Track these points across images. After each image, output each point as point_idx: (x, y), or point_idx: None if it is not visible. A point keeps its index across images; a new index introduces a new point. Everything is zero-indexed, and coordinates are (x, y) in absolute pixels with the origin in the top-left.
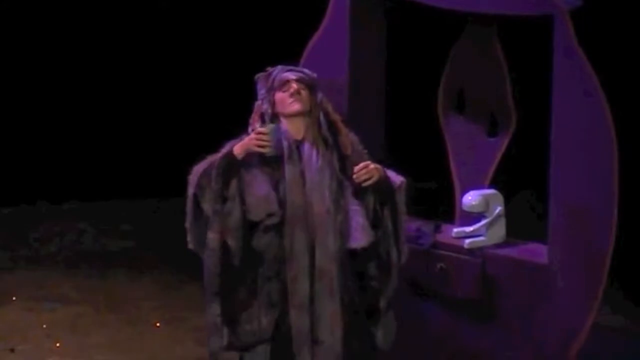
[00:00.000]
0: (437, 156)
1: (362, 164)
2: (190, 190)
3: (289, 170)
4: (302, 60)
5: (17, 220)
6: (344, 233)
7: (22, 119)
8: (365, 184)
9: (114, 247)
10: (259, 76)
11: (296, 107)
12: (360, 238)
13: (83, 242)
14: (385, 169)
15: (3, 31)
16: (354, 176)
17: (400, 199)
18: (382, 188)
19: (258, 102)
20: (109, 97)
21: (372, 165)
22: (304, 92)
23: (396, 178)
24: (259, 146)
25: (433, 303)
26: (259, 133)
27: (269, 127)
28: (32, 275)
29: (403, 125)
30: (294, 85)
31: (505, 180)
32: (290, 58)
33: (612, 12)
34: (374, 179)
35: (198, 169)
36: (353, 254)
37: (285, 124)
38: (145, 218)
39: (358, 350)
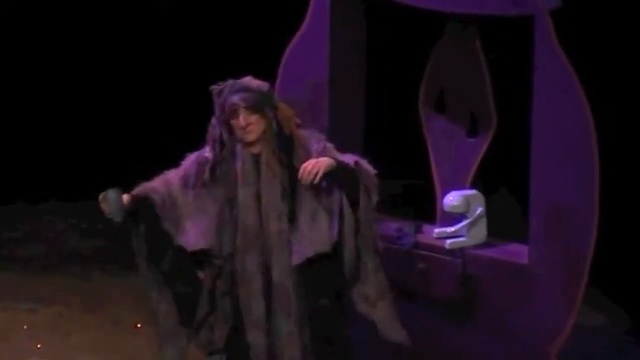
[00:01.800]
0: (419, 155)
1: (303, 166)
2: None
3: (243, 193)
4: (283, 60)
5: None
6: (299, 250)
7: (1, 118)
8: (315, 181)
9: (95, 247)
10: (213, 90)
11: (249, 138)
12: (316, 245)
13: (63, 242)
14: (337, 157)
15: None
16: (302, 181)
17: (364, 179)
18: (342, 178)
19: (212, 125)
20: (90, 96)
21: (313, 161)
22: (253, 118)
23: (350, 159)
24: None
25: (414, 303)
26: (101, 198)
27: (105, 196)
28: (11, 276)
29: (384, 124)
30: (241, 121)
31: (485, 181)
32: (272, 58)
33: (592, 12)
34: (321, 172)
35: None
36: (314, 264)
37: (241, 146)
38: None
39: None
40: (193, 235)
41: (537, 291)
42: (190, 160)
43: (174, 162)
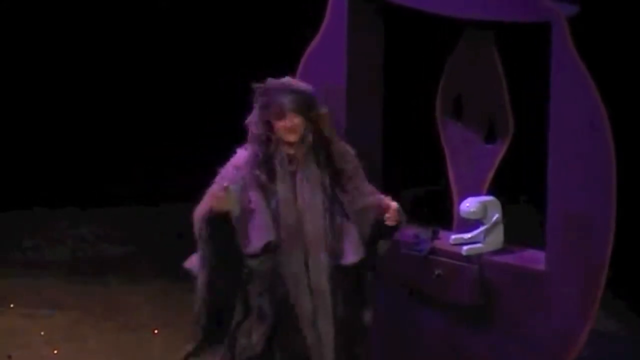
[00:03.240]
0: (437, 161)
1: (392, 209)
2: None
3: (282, 191)
4: (300, 66)
5: (13, 226)
6: (336, 251)
7: (19, 123)
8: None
9: (112, 253)
10: (257, 89)
11: (292, 138)
12: (351, 255)
13: (80, 248)
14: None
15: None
16: (386, 219)
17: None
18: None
19: (252, 122)
20: (106, 101)
21: (394, 206)
22: (297, 120)
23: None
24: (221, 206)
25: (430, 309)
26: (222, 190)
27: (231, 188)
28: (29, 282)
29: (401, 131)
30: (288, 122)
31: (503, 189)
32: (289, 64)
33: (609, 18)
34: (400, 223)
35: (197, 214)
36: (346, 269)
37: (280, 145)
38: (142, 224)
39: None
40: (255, 236)
41: (553, 297)
42: (227, 171)
43: (189, 169)
